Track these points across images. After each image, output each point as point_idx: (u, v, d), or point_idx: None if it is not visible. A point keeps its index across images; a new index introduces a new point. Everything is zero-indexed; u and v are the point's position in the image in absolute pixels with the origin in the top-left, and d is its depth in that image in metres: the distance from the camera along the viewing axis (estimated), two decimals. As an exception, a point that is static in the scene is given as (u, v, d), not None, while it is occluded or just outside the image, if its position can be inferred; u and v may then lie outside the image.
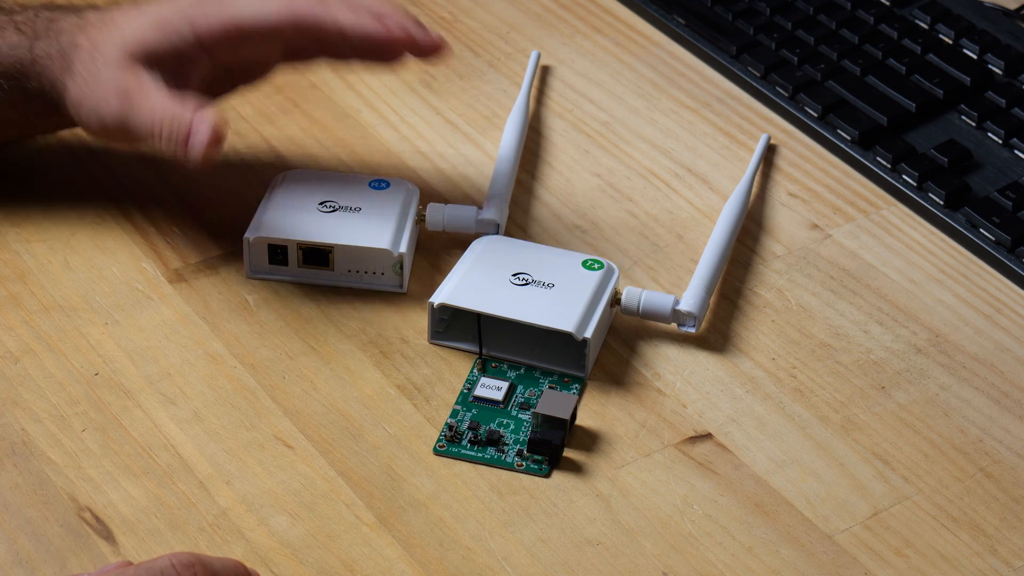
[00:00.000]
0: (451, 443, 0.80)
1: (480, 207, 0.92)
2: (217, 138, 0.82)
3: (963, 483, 0.80)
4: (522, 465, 0.79)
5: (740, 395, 0.84)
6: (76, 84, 0.86)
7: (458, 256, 0.88)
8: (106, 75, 0.85)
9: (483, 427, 0.81)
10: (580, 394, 0.83)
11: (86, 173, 0.95)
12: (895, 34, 1.05)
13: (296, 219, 0.89)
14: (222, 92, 0.91)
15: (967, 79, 1.01)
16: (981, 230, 0.93)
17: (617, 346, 0.86)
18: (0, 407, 0.81)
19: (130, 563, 0.69)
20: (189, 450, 0.79)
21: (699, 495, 0.78)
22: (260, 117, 1.00)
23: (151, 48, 0.85)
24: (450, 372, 0.84)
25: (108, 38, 0.86)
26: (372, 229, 0.88)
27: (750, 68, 1.04)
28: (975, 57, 1.04)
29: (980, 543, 0.77)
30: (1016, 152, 0.97)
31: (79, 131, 0.97)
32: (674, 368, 0.85)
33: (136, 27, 0.85)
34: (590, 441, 0.81)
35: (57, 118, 0.89)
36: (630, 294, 0.86)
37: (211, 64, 0.87)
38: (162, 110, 0.83)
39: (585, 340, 0.83)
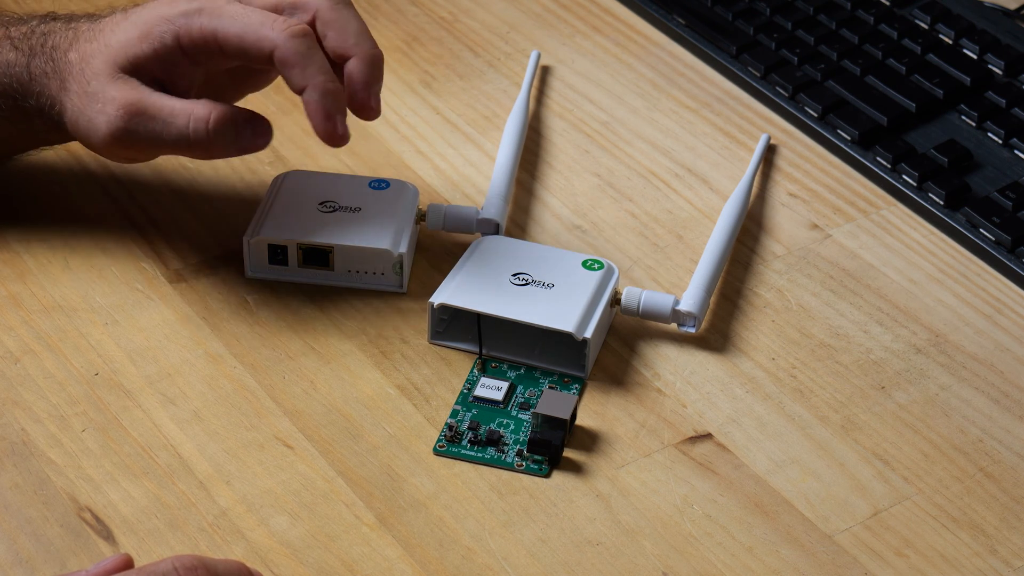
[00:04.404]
0: (451, 443, 0.80)
1: (480, 207, 0.92)
2: (269, 127, 0.84)
3: (963, 483, 0.80)
4: (522, 465, 0.79)
5: (740, 395, 0.84)
6: (71, 101, 0.85)
7: (458, 256, 0.88)
8: (97, 88, 0.84)
9: (483, 427, 0.81)
10: (580, 394, 0.83)
11: (86, 173, 0.95)
12: (895, 34, 1.05)
13: (296, 219, 0.89)
14: (231, 98, 0.91)
15: (967, 79, 1.01)
16: (981, 230, 0.93)
17: (617, 346, 0.86)
18: (0, 407, 0.81)
19: (128, 557, 0.69)
20: (189, 450, 0.79)
21: (699, 495, 0.78)
22: (260, 117, 1.00)
23: (135, 57, 0.84)
24: (450, 372, 0.84)
25: (96, 50, 0.85)
26: (372, 229, 0.88)
27: (750, 68, 1.04)
28: (975, 57, 1.04)
29: (980, 543, 0.77)
30: (1016, 152, 0.97)
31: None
32: (674, 368, 0.85)
33: (122, 37, 0.84)
34: (590, 441, 0.81)
35: (53, 135, 0.89)
36: (630, 294, 0.86)
37: (197, 71, 0.86)
38: (187, 112, 0.83)
39: (585, 340, 0.83)
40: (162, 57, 0.84)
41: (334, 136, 0.82)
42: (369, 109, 0.84)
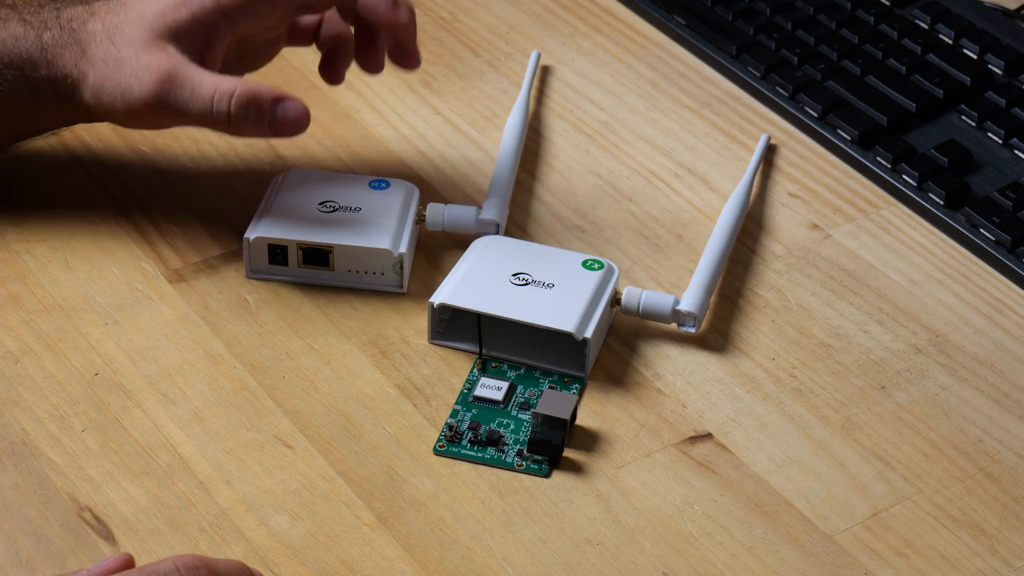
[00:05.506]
0: (451, 443, 0.80)
1: (480, 207, 0.92)
2: (303, 109, 0.86)
3: (963, 483, 0.80)
4: (522, 465, 0.80)
5: (740, 395, 0.84)
6: (95, 69, 0.86)
7: (458, 256, 0.88)
8: (131, 56, 0.85)
9: (483, 427, 0.81)
10: (580, 394, 0.83)
11: (86, 173, 0.95)
12: (895, 34, 1.05)
13: (296, 219, 0.89)
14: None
15: (967, 79, 1.01)
16: (981, 230, 0.93)
17: (617, 346, 0.86)
18: (0, 407, 0.81)
19: (129, 556, 0.69)
20: (189, 450, 0.79)
21: (699, 495, 0.78)
22: (260, 117, 1.00)
23: (176, 24, 0.85)
24: (450, 372, 0.84)
25: (126, 20, 0.86)
26: (372, 229, 0.88)
27: (750, 68, 1.04)
28: (975, 57, 1.04)
29: (980, 543, 0.77)
30: (1016, 152, 0.97)
31: (80, 131, 0.97)
32: (674, 368, 0.85)
33: (156, 6, 0.86)
34: (590, 441, 0.81)
35: (63, 109, 0.88)
36: (630, 294, 0.86)
37: (233, 35, 0.87)
38: (215, 86, 0.84)
39: (585, 340, 0.83)
40: (201, 21, 0.85)
41: (400, 22, 0.88)
42: (412, 54, 0.91)
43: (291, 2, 0.87)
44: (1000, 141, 0.98)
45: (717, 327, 0.88)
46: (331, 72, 0.93)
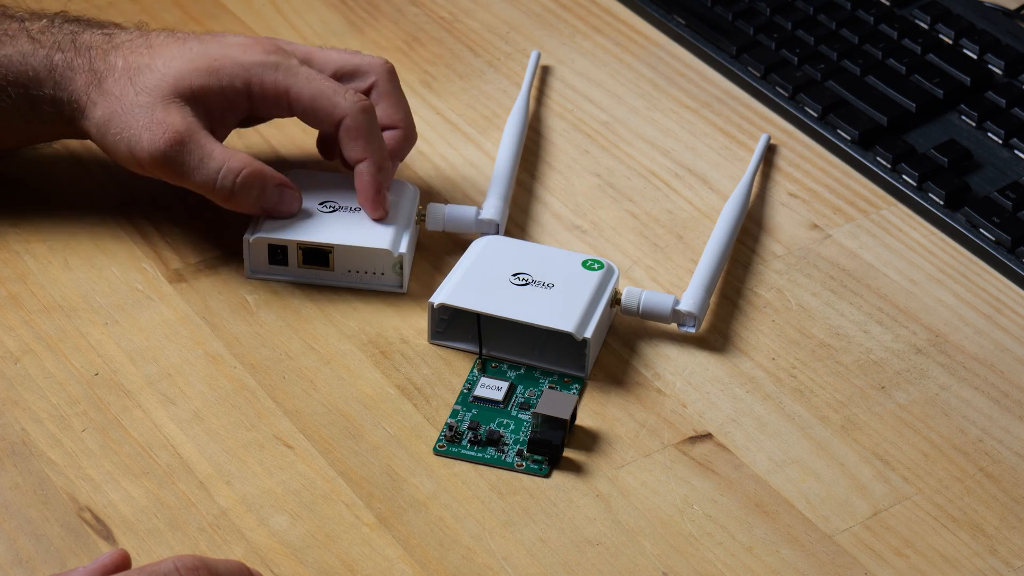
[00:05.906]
0: (451, 443, 0.80)
1: (480, 207, 0.92)
2: (300, 198, 0.89)
3: (963, 483, 0.80)
4: (522, 465, 0.80)
5: (740, 395, 0.84)
6: (107, 102, 0.86)
7: (458, 256, 0.88)
8: (147, 105, 0.85)
9: (483, 427, 0.81)
10: (580, 394, 0.83)
11: (86, 173, 0.95)
12: (895, 34, 1.05)
13: (296, 219, 0.89)
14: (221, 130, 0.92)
15: (967, 79, 1.01)
16: (981, 230, 0.93)
17: (617, 346, 0.86)
18: (0, 407, 0.81)
19: (124, 553, 0.69)
20: (189, 450, 0.79)
21: (699, 495, 0.78)
22: (260, 117, 1.00)
23: (202, 90, 0.86)
24: (450, 372, 0.84)
25: (151, 65, 0.86)
26: (372, 229, 0.88)
27: (750, 68, 1.04)
28: (975, 57, 1.04)
29: (980, 543, 0.77)
30: (1016, 152, 0.97)
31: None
32: (674, 368, 0.85)
33: (185, 65, 0.86)
34: (590, 441, 0.81)
35: (59, 129, 0.89)
36: (630, 294, 0.86)
37: (248, 114, 0.89)
38: (224, 160, 0.86)
39: (585, 340, 0.83)
40: (228, 96, 0.87)
41: (380, 208, 0.88)
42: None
43: (308, 118, 0.88)
44: (1000, 141, 0.98)
45: (717, 327, 0.88)
46: (330, 150, 0.93)
